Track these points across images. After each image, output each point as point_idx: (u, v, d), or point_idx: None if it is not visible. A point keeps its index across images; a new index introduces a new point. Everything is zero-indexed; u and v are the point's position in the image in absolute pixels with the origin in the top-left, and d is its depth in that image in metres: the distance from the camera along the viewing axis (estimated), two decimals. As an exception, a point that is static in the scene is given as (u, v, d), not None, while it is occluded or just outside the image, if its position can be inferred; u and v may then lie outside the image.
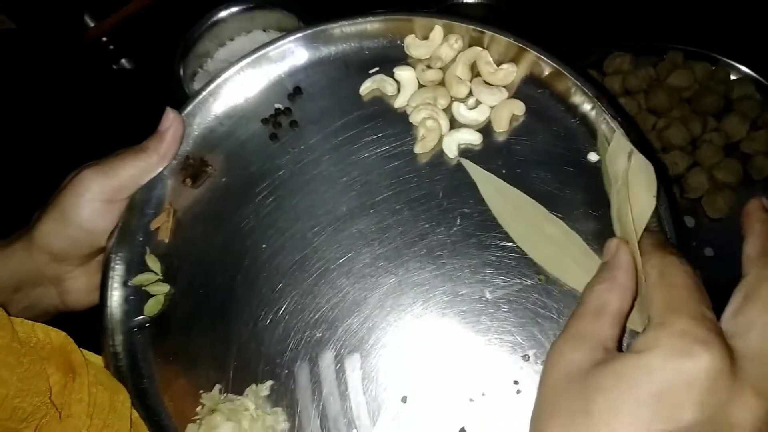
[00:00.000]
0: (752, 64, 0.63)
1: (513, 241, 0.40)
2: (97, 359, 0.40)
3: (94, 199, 0.40)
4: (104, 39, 0.70)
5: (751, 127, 0.60)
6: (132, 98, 0.72)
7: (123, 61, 0.72)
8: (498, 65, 0.43)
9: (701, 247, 0.55)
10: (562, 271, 0.38)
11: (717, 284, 0.54)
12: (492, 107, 0.43)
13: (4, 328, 0.35)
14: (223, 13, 0.65)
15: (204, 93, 0.45)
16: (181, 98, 0.47)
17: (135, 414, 0.39)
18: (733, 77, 0.64)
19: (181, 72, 0.64)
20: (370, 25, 0.45)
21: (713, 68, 0.64)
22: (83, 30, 0.68)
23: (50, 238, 0.40)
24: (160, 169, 0.43)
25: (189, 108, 0.44)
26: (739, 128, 0.60)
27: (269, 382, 0.39)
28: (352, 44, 0.46)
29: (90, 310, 0.44)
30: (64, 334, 0.37)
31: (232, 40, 0.67)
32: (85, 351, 0.39)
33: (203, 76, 0.68)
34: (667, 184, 0.38)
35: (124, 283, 0.42)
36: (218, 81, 0.45)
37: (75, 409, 0.35)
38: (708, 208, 0.57)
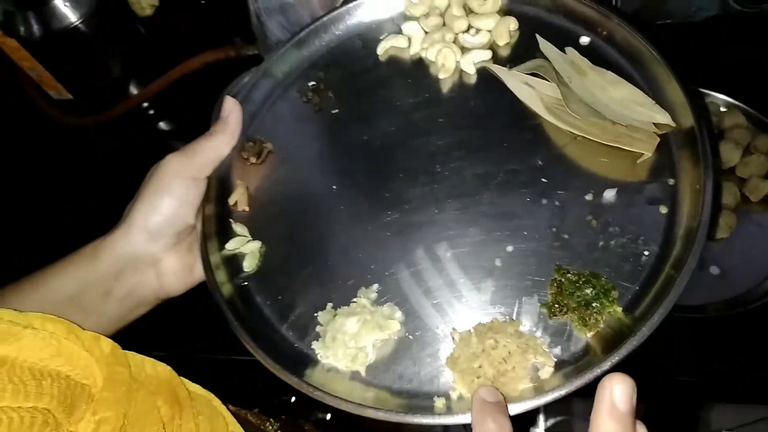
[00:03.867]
0: (739, 96, 0.69)
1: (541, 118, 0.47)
2: (197, 388, 0.43)
3: (181, 176, 0.46)
4: (145, 104, 0.79)
5: (744, 153, 0.65)
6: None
7: (161, 123, 0.81)
8: (485, -2, 0.52)
9: (708, 266, 0.59)
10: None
11: (722, 300, 0.60)
12: (490, 30, 0.51)
13: (123, 365, 0.38)
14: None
15: (249, 84, 0.52)
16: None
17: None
18: (723, 109, 0.69)
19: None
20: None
21: (704, 102, 0.69)
22: (127, 97, 0.78)
23: (148, 215, 0.45)
24: (229, 148, 0.49)
25: (241, 97, 0.51)
26: (732, 155, 0.65)
27: (375, 285, 0.43)
28: (362, 21, 0.55)
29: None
30: (169, 368, 0.41)
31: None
32: (186, 380, 0.42)
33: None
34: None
35: (220, 251, 0.47)
36: (258, 74, 0.53)
37: None
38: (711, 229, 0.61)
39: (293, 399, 0.66)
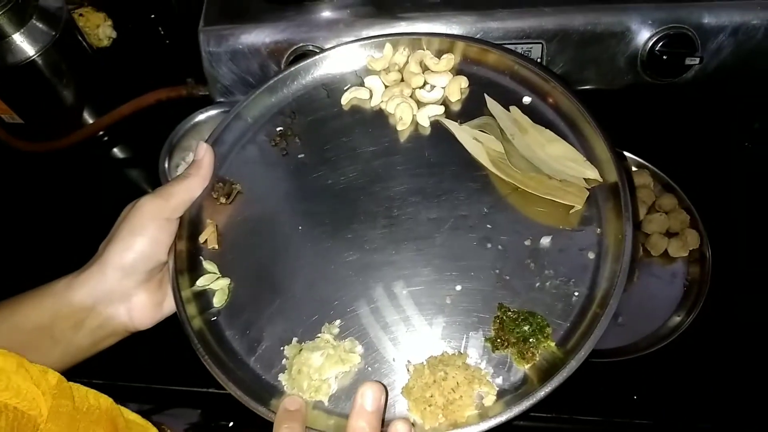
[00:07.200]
0: (648, 157, 0.74)
1: (487, 169, 0.52)
2: (135, 417, 0.46)
3: (156, 218, 0.49)
4: (100, 132, 0.82)
5: (648, 211, 0.71)
6: (122, 181, 0.86)
7: (115, 150, 0.85)
8: (439, 57, 0.57)
9: (615, 316, 0.62)
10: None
11: (620, 345, 0.63)
12: (444, 87, 0.57)
13: (67, 397, 0.41)
14: (202, 116, 0.77)
15: (221, 128, 0.56)
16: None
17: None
18: (634, 169, 0.75)
19: (166, 164, 0.75)
20: (335, 53, 0.59)
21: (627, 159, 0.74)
22: (82, 125, 0.80)
23: (123, 253, 0.47)
24: (201, 189, 0.52)
25: (212, 140, 0.55)
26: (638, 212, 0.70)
27: (338, 321, 0.47)
28: (327, 72, 0.60)
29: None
30: (110, 399, 0.44)
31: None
32: (124, 409, 0.45)
33: (184, 167, 0.79)
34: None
35: (191, 287, 0.50)
36: (229, 119, 0.56)
37: None
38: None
39: (231, 424, 0.67)
